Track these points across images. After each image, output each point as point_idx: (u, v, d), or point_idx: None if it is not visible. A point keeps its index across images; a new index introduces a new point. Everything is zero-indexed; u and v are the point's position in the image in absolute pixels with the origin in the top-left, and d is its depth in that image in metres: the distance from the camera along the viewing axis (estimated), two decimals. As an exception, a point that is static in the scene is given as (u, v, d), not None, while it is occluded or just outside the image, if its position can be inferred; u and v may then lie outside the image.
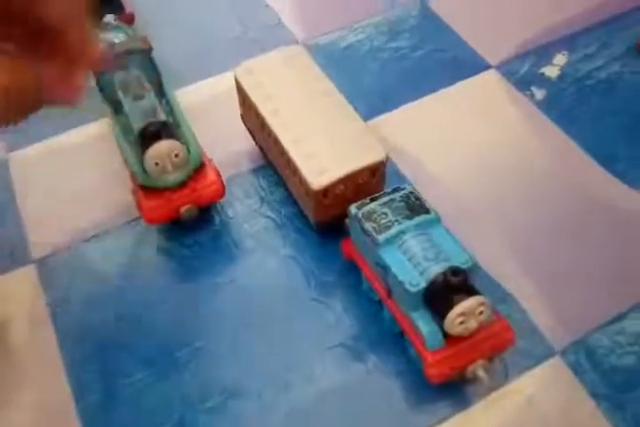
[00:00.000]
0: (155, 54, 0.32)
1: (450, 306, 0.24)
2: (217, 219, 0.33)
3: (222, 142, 0.35)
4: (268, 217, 0.33)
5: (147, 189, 0.29)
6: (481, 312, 0.24)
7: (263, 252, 0.31)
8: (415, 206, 0.27)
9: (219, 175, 0.30)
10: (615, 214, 0.32)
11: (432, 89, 0.38)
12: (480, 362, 0.25)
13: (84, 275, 0.31)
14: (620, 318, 0.29)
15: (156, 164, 0.28)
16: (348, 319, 0.29)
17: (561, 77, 0.38)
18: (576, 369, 0.27)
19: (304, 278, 0.30)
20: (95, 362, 0.28)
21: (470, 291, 0.24)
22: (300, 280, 0.30)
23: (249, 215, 0.33)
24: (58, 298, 0.30)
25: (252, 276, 0.31)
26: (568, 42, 0.39)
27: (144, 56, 0.32)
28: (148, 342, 0.29)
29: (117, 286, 0.31)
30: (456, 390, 0.27)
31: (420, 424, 0.26)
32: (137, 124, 0.29)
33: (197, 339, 0.29)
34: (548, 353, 0.28)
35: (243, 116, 0.34)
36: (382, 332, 0.28)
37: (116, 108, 0.31)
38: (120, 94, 0.31)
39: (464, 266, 0.24)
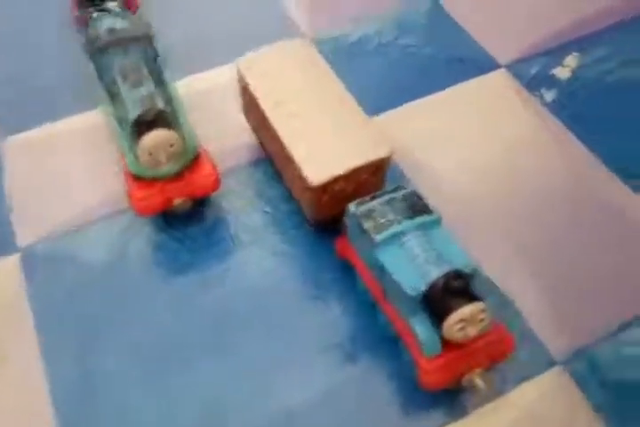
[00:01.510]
0: (157, 43, 0.31)
1: (449, 311, 0.23)
2: (211, 212, 0.32)
3: (220, 134, 0.34)
4: (264, 212, 0.32)
5: (139, 178, 0.28)
6: (481, 319, 0.23)
7: (258, 247, 0.30)
8: (417, 206, 0.25)
9: (214, 167, 0.29)
10: (623, 220, 0.31)
11: (440, 87, 0.37)
12: (477, 371, 0.24)
13: (69, 265, 0.30)
14: (624, 327, 0.28)
15: (150, 153, 0.27)
16: (344, 320, 0.28)
17: (571, 79, 0.37)
18: (578, 380, 0.26)
19: (300, 276, 0.29)
20: (75, 356, 0.27)
21: (471, 296, 0.23)
22: (296, 278, 0.29)
23: (245, 210, 0.32)
24: (40, 289, 0.29)
25: (245, 272, 0.30)
26: (580, 43, 0.38)
27: (146, 43, 0.31)
28: (132, 338, 0.28)
29: (102, 278, 0.29)
30: (451, 398, 0.26)
31: (412, 432, 0.25)
32: (133, 112, 0.28)
33: (183, 337, 0.28)
34: (549, 363, 0.27)
35: (243, 109, 0.33)
36: (378, 334, 0.27)
37: (114, 94, 0.30)
38: (119, 80, 0.30)
39: (466, 270, 0.23)
